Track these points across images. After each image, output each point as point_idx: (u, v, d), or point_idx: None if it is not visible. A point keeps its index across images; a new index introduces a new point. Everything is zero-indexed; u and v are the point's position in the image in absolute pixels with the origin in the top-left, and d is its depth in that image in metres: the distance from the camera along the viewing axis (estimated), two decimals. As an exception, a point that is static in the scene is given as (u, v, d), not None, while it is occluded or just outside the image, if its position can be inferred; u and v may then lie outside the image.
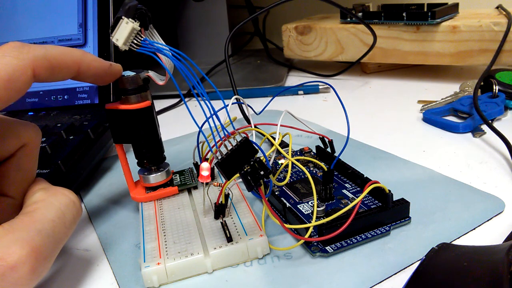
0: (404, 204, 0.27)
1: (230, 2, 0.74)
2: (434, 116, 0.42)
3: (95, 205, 0.33)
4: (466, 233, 0.26)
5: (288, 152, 0.31)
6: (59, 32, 0.44)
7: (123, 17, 0.24)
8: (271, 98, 0.41)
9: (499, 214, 0.27)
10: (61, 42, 0.43)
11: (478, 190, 0.30)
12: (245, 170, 0.22)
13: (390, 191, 0.26)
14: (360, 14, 0.57)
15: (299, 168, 0.33)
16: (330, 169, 0.28)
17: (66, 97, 0.43)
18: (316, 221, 0.25)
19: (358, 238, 0.25)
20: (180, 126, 0.48)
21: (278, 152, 0.34)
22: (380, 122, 0.44)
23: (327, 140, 0.35)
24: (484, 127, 0.40)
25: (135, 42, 0.25)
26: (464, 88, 0.48)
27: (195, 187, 0.31)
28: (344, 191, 0.30)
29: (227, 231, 0.25)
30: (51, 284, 0.25)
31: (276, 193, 0.31)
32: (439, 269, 0.20)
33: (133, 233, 0.29)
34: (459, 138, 0.39)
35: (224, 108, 0.26)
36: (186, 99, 0.61)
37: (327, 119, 0.46)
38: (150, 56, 0.25)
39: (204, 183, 0.27)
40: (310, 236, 0.25)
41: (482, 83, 0.46)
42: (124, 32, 0.24)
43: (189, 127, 0.47)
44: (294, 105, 0.53)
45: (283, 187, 0.31)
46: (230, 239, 0.25)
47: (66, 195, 0.24)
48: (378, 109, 0.48)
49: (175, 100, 0.58)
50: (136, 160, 0.30)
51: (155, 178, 0.30)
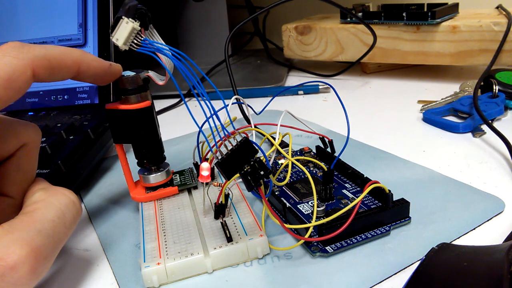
0: (404, 204, 0.27)
1: (230, 2, 0.74)
2: (434, 116, 0.42)
3: (95, 205, 0.33)
4: (466, 233, 0.26)
5: (288, 152, 0.31)
6: (59, 32, 0.44)
7: (123, 17, 0.24)
8: (271, 98, 0.41)
9: (499, 214, 0.27)
10: (61, 42, 0.43)
11: (478, 190, 0.30)
12: (245, 170, 0.22)
13: (390, 191, 0.26)
14: (360, 14, 0.57)
15: (299, 168, 0.33)
16: (330, 169, 0.28)
17: (66, 97, 0.43)
18: (316, 221, 0.25)
19: (358, 238, 0.25)
20: (180, 126, 0.48)
21: (278, 152, 0.34)
22: (380, 122, 0.44)
23: (327, 140, 0.35)
24: (484, 127, 0.40)
25: (135, 42, 0.25)
26: (464, 88, 0.48)
27: (195, 187, 0.31)
28: (344, 191, 0.30)
29: (227, 231, 0.25)
30: (51, 284, 0.25)
31: (276, 193, 0.31)
32: (439, 269, 0.20)
33: (133, 233, 0.29)
34: (459, 138, 0.39)
35: (224, 108, 0.26)
36: (186, 99, 0.61)
37: (327, 119, 0.46)
38: (150, 56, 0.25)
39: (204, 183, 0.27)
40: (310, 236, 0.25)
41: (482, 83, 0.46)
42: (124, 32, 0.24)
43: (189, 127, 0.47)
44: (294, 105, 0.53)
45: (283, 187, 0.31)
46: (230, 239, 0.25)
47: (66, 195, 0.24)
48: (378, 109, 0.48)
49: (175, 100, 0.58)
50: (136, 160, 0.30)
51: (155, 178, 0.30)
